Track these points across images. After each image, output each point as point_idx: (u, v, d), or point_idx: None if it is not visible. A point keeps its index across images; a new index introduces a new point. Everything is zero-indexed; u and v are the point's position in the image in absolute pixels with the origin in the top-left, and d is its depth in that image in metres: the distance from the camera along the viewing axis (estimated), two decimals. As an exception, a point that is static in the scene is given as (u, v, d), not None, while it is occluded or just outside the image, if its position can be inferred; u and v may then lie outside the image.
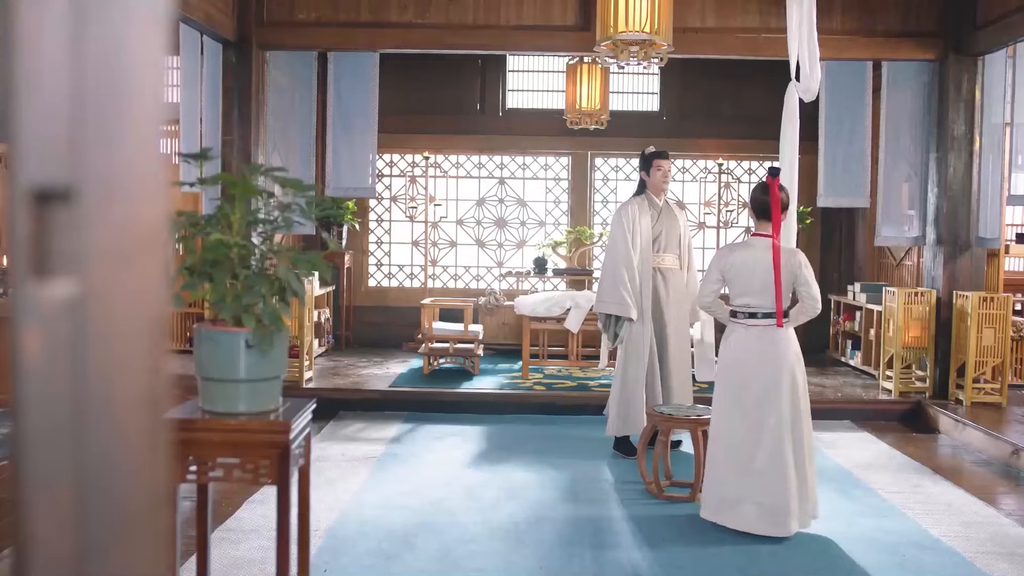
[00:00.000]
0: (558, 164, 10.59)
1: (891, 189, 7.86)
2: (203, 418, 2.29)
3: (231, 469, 2.30)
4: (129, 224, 0.54)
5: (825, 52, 7.20)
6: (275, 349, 2.27)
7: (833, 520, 4.75)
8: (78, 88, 0.51)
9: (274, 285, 2.21)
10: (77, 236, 0.51)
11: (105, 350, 0.53)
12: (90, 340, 0.52)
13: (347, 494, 5.08)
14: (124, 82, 0.53)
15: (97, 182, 0.52)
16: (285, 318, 2.28)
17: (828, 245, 10.47)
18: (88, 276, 0.52)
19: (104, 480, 0.54)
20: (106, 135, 0.52)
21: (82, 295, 0.52)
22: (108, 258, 0.53)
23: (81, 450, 0.53)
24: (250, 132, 7.36)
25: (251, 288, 2.17)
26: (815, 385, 8.11)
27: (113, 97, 0.52)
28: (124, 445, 0.54)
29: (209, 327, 2.28)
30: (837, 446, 6.42)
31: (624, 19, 5.10)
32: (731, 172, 10.47)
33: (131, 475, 0.55)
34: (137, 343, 0.55)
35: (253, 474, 2.28)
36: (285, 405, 2.44)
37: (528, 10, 7.57)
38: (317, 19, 7.58)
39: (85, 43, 0.51)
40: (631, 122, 10.23)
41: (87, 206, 0.51)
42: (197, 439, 2.27)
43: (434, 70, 10.10)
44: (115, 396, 0.54)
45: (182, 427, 2.26)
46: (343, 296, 10.07)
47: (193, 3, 6.36)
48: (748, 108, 9.96)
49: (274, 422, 2.30)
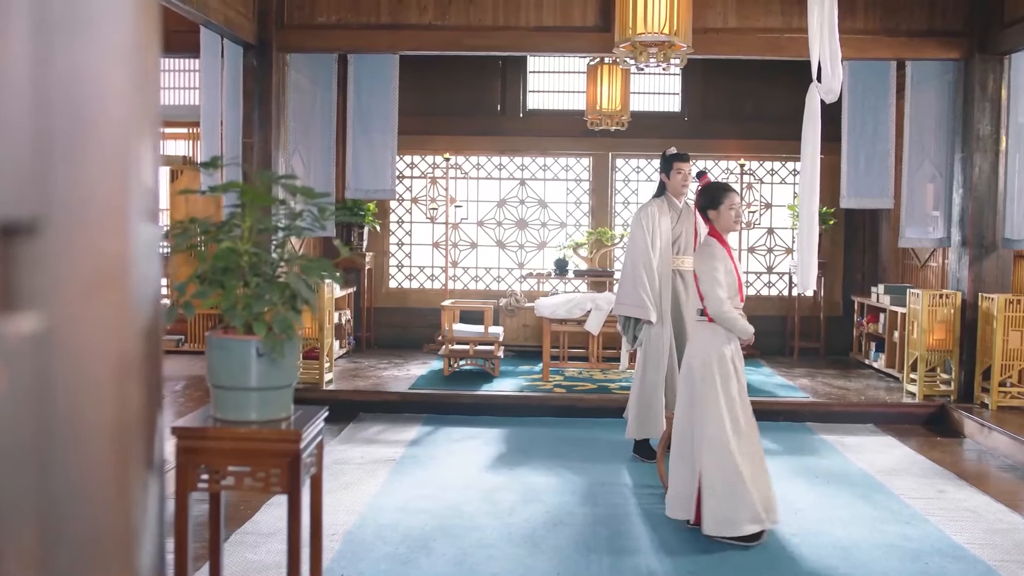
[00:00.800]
0: (579, 165, 10.56)
1: (915, 190, 7.78)
2: (214, 426, 2.29)
3: (242, 477, 2.30)
4: (96, 256, 0.52)
5: (848, 52, 7.14)
6: (286, 357, 2.27)
7: (855, 526, 4.70)
8: (43, 118, 0.49)
9: (285, 293, 2.20)
10: (43, 269, 0.49)
11: (73, 384, 0.52)
12: (57, 375, 0.51)
13: (365, 497, 5.08)
14: (90, 112, 0.52)
15: (63, 214, 0.50)
16: (297, 325, 2.28)
17: (852, 246, 10.37)
18: (54, 310, 0.50)
19: (72, 517, 0.53)
20: (71, 167, 0.51)
21: (48, 329, 0.50)
22: (74, 291, 0.51)
23: (48, 486, 0.52)
24: (271, 135, 7.38)
25: (262, 296, 2.17)
26: (838, 388, 8.05)
27: (79, 127, 0.51)
28: (93, 480, 0.52)
29: (220, 335, 2.28)
30: (860, 450, 6.36)
31: (643, 20, 5.06)
32: (753, 173, 10.40)
33: (101, 511, 0.53)
34: (105, 377, 0.54)
35: (264, 483, 2.28)
36: (297, 413, 2.43)
37: (548, 12, 7.54)
38: (337, 21, 7.59)
39: (50, 71, 0.50)
40: (652, 123, 10.18)
41: (53, 239, 0.50)
42: (207, 447, 2.27)
43: (455, 71, 10.09)
44: (83, 431, 0.53)
45: (193, 435, 2.26)
46: (364, 297, 10.09)
47: (213, 6, 6.39)
48: (770, 108, 9.89)
49: (285, 431, 2.29)
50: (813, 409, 7.37)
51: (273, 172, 2.14)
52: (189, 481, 2.26)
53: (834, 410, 7.36)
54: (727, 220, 4.48)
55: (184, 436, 2.28)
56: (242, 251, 2.14)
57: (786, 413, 7.32)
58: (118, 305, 0.54)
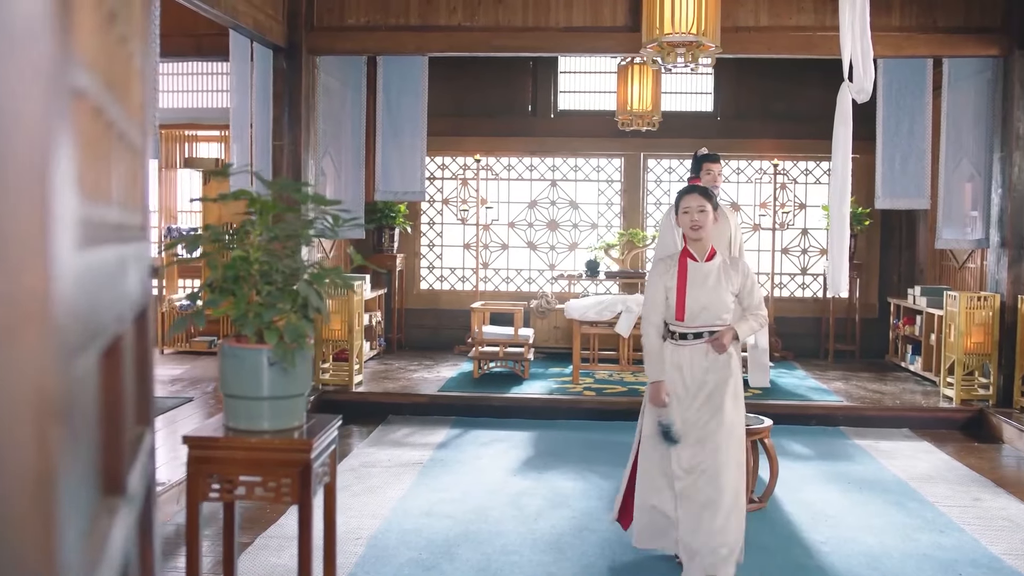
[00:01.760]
0: (610, 166, 10.49)
1: (952, 190, 7.62)
2: (224, 436, 2.27)
3: (253, 487, 2.28)
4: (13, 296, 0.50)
5: (883, 50, 7.02)
6: (298, 366, 2.25)
7: (887, 534, 4.60)
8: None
9: (297, 301, 2.18)
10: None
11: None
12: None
13: (391, 502, 5.06)
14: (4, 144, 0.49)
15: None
16: (309, 333, 2.25)
17: (888, 247, 10.21)
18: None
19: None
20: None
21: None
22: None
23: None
24: (300, 137, 7.40)
25: (273, 304, 2.15)
26: (873, 391, 7.91)
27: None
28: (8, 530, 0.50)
29: (232, 343, 2.26)
30: (894, 456, 6.24)
31: (670, 20, 5.00)
32: (787, 173, 10.26)
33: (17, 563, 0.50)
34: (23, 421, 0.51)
35: (275, 493, 2.26)
36: (310, 421, 2.41)
37: (578, 12, 7.49)
38: (366, 23, 7.59)
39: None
40: (684, 123, 10.08)
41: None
42: (218, 457, 2.25)
43: (486, 72, 10.06)
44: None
45: (203, 445, 2.24)
46: (395, 299, 10.10)
47: (242, 10, 6.41)
48: (804, 107, 9.75)
49: (295, 440, 2.27)
50: (847, 413, 7.25)
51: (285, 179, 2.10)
52: (200, 491, 2.25)
53: (868, 414, 7.23)
54: (683, 226, 3.97)
55: (195, 446, 2.26)
56: (252, 259, 2.12)
57: (819, 417, 7.21)
58: (37, 346, 0.51)
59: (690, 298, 3.91)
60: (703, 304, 3.91)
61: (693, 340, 3.93)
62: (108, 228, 0.87)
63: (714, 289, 3.92)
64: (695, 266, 3.96)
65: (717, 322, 3.93)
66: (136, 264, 1.10)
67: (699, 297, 3.91)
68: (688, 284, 3.93)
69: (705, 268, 3.95)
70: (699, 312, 3.91)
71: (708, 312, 3.92)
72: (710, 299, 3.92)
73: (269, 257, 2.16)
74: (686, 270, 3.94)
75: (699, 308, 3.91)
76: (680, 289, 3.92)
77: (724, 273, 3.95)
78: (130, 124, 1.07)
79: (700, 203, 3.92)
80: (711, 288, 3.92)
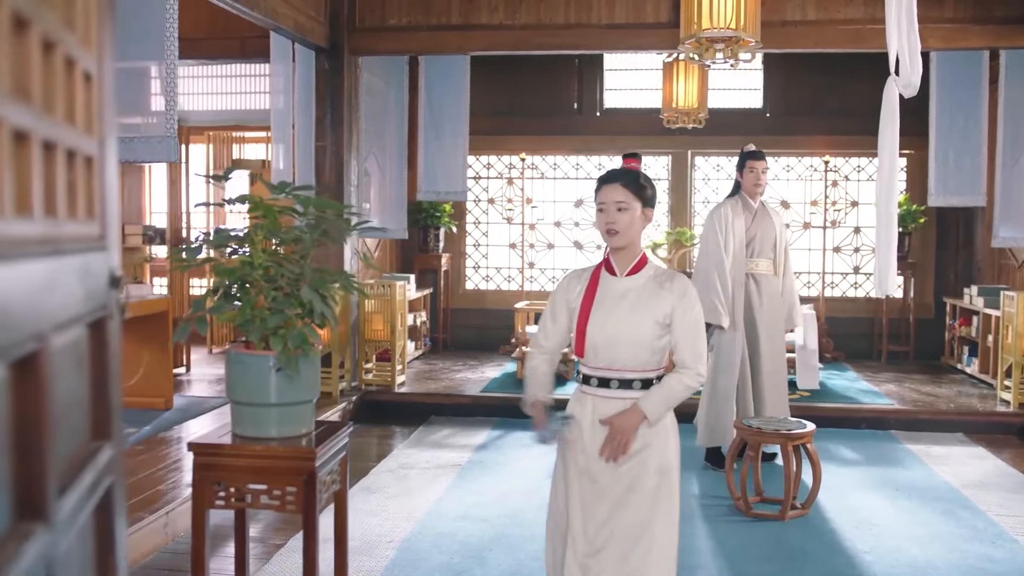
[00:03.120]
0: (657, 164, 10.36)
1: (1010, 187, 7.36)
2: (230, 443, 2.25)
3: (258, 495, 2.26)
4: None
5: (936, 42, 6.82)
6: (305, 373, 2.21)
7: (935, 544, 4.45)
8: None
9: (305, 307, 2.15)
10: None
11: None
12: None
13: (426, 504, 5.03)
14: None
15: None
16: (314, 339, 2.22)
17: (944, 245, 9.92)
18: None
19: None
20: None
21: None
22: None
23: None
24: (343, 138, 7.42)
25: (279, 310, 2.12)
26: (926, 394, 7.69)
27: None
28: None
29: (240, 349, 2.24)
30: (946, 461, 6.05)
31: (708, 15, 4.88)
32: (838, 170, 10.04)
33: None
34: None
35: (280, 501, 2.23)
36: (319, 429, 2.38)
37: (620, 8, 7.38)
38: (408, 23, 7.58)
39: None
40: (733, 119, 9.91)
41: None
42: (223, 464, 2.23)
43: (531, 71, 10.00)
44: None
45: (208, 451, 2.22)
46: (440, 299, 10.10)
47: (283, 12, 6.43)
48: (855, 103, 9.50)
49: (300, 448, 2.24)
50: (898, 416, 7.05)
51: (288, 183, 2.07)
52: (206, 498, 2.23)
53: (921, 418, 7.03)
54: (598, 227, 2.91)
55: (200, 452, 2.25)
56: (257, 264, 2.09)
57: (869, 420, 7.03)
58: None
59: (592, 325, 2.77)
60: (609, 336, 2.74)
61: (597, 388, 2.79)
62: (24, 244, 0.84)
63: (628, 315, 2.75)
64: (609, 282, 2.84)
65: (631, 366, 2.75)
66: (85, 276, 1.06)
67: (604, 325, 2.75)
68: (594, 306, 2.79)
69: (622, 285, 2.81)
70: (603, 347, 2.75)
71: (617, 349, 2.74)
72: (619, 329, 2.74)
73: (274, 262, 2.13)
74: (596, 287, 2.85)
75: (604, 341, 2.75)
76: (583, 312, 2.80)
77: (649, 293, 2.77)
78: (72, 134, 1.03)
79: (620, 198, 2.77)
80: (624, 313, 2.75)
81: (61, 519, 0.94)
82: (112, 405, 1.31)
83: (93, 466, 1.16)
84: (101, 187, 1.20)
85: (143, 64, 3.34)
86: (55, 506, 0.94)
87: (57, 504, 0.95)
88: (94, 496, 1.21)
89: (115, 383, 1.34)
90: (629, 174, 2.82)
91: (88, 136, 1.11)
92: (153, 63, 3.28)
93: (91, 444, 1.20)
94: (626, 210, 2.78)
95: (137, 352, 6.39)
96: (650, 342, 2.74)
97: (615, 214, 2.78)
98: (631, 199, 2.78)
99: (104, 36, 1.21)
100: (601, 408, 2.76)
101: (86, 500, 1.13)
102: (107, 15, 1.25)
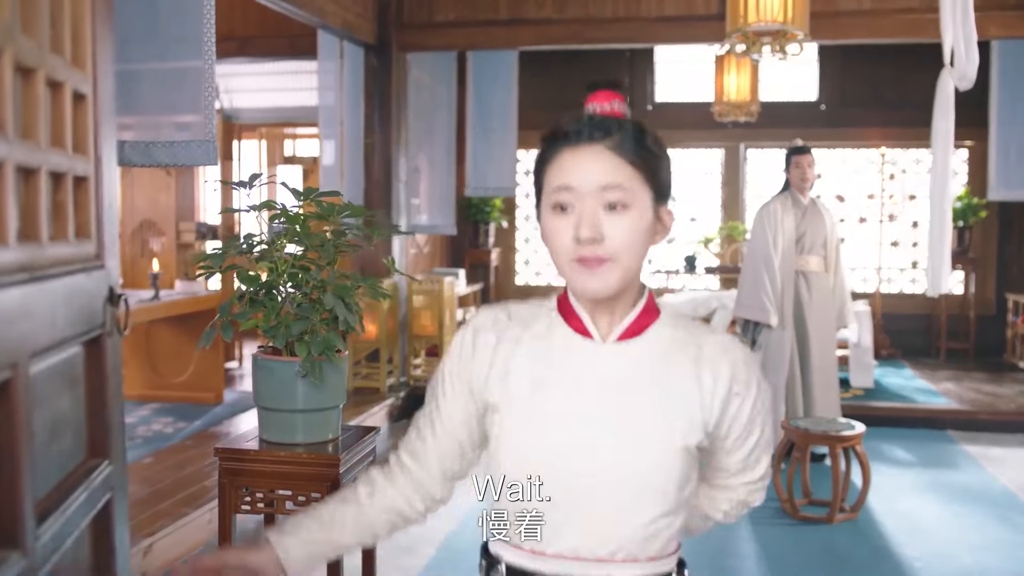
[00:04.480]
0: (710, 158, 10.23)
1: (1074, 180, 7.12)
2: (256, 448, 2.27)
3: (284, 501, 2.27)
4: None
5: (996, 30, 6.61)
6: (330, 379, 2.22)
7: (986, 552, 4.32)
8: None
9: (332, 313, 2.15)
10: None
11: None
12: None
13: (468, 502, 5.02)
14: None
15: None
16: (340, 345, 2.22)
17: (1007, 239, 9.64)
18: None
19: None
20: None
21: None
22: None
23: None
24: (391, 135, 7.44)
25: (305, 317, 2.12)
26: (986, 394, 7.49)
27: None
28: None
29: (267, 355, 2.25)
30: (1005, 464, 5.88)
31: (755, 8, 4.79)
32: (895, 163, 9.81)
33: None
34: None
35: (305, 508, 2.23)
36: (346, 434, 2.39)
37: (670, 1, 7.29)
38: (456, 19, 7.57)
39: None
40: (788, 113, 9.74)
41: None
42: (249, 469, 2.25)
43: (582, 65, 9.93)
44: None
45: (234, 457, 2.24)
46: (491, 294, 10.10)
47: (330, 11, 6.46)
48: (914, 94, 9.25)
49: (324, 455, 2.25)
50: (955, 417, 6.87)
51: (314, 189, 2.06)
52: (232, 503, 2.25)
53: (979, 418, 6.84)
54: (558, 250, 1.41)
55: (226, 457, 2.27)
56: (281, 271, 2.10)
57: (925, 420, 6.85)
58: None
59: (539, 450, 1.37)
60: (581, 473, 1.34)
61: None
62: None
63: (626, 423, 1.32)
64: (579, 352, 1.37)
65: (627, 549, 1.33)
66: (74, 297, 1.06)
67: (570, 449, 1.34)
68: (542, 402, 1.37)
69: (608, 360, 1.36)
70: (566, 502, 1.36)
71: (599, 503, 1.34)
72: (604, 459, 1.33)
73: (300, 268, 2.14)
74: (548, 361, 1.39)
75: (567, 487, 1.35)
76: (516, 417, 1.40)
77: (667, 374, 1.34)
78: (58, 156, 1.03)
79: (611, 179, 1.34)
80: (613, 419, 1.33)
81: (42, 543, 0.94)
82: (111, 421, 1.32)
83: (88, 484, 1.16)
84: (97, 206, 1.20)
85: (182, 65, 3.37)
86: (32, 533, 0.93)
87: (36, 531, 0.94)
88: (90, 513, 1.21)
89: (115, 399, 1.35)
90: (623, 127, 1.39)
91: (80, 156, 1.11)
92: (192, 64, 3.32)
93: (88, 462, 1.20)
94: (625, 206, 1.33)
95: (188, 348, 6.49)
96: (672, 482, 1.32)
97: (599, 215, 1.32)
98: (634, 181, 1.34)
99: (102, 55, 1.21)
100: None
101: (80, 518, 1.13)
102: (105, 36, 1.25)
